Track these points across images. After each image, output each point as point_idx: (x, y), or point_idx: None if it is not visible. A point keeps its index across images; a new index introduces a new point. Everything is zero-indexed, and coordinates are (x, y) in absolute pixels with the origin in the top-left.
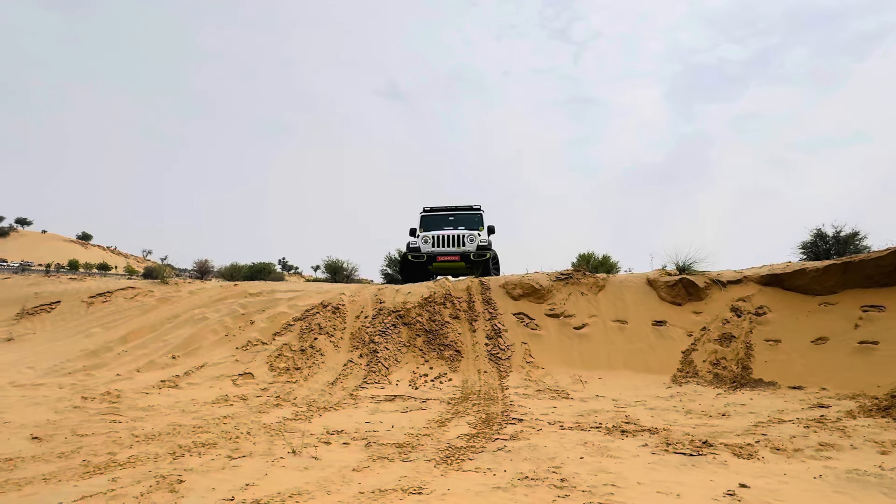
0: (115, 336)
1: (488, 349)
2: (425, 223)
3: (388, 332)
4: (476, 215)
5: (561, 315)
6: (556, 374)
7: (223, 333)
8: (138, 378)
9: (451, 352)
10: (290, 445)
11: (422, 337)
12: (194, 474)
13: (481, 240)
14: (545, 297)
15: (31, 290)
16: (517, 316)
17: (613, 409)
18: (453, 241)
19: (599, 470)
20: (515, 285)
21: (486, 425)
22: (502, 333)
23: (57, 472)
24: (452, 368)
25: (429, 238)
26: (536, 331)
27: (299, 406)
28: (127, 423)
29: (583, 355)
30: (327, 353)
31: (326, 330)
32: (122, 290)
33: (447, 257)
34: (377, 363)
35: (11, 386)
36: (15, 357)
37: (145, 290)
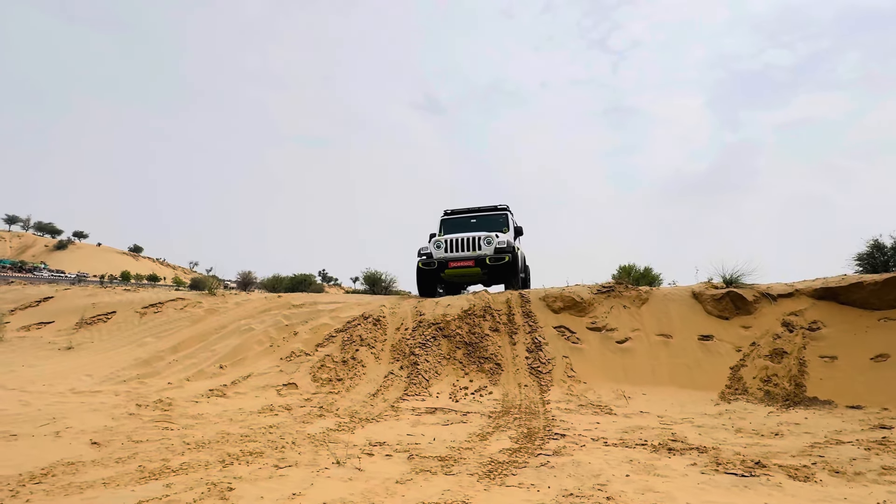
0: (166, 346)
1: (529, 362)
2: (446, 227)
3: (428, 345)
4: (501, 216)
5: (603, 328)
6: (599, 389)
7: (268, 344)
8: (188, 387)
9: (491, 365)
10: (335, 456)
11: (461, 349)
12: (243, 482)
13: (500, 242)
14: (586, 311)
15: (89, 301)
16: (558, 329)
17: (659, 426)
18: (468, 245)
19: (646, 489)
20: (556, 298)
21: (529, 440)
22: (543, 347)
23: (115, 476)
24: (493, 381)
25: (442, 242)
26: (578, 344)
27: (342, 417)
28: (178, 431)
29: (626, 370)
30: (368, 364)
31: (367, 342)
32: (173, 301)
33: (460, 263)
34: (417, 375)
35: (72, 392)
36: (74, 365)
37: (194, 302)
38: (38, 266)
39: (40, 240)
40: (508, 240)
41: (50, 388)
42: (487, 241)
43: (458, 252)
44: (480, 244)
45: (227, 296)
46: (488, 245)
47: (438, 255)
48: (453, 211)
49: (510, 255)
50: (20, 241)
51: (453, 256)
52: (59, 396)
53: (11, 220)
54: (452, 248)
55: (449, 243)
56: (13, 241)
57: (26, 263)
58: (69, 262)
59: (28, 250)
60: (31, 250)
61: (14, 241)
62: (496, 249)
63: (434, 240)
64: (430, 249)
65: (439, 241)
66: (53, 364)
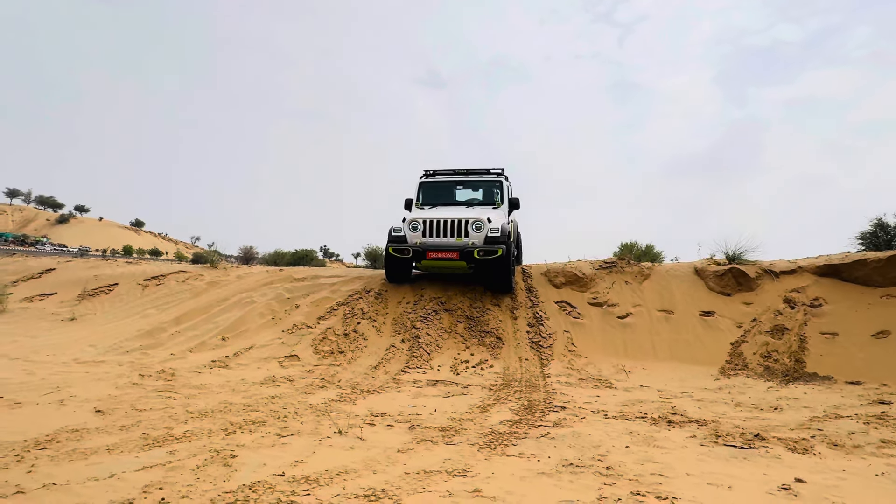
0: (168, 317)
1: (529, 337)
2: (425, 194)
3: (429, 318)
4: (495, 184)
5: (604, 304)
6: (599, 364)
7: (269, 317)
8: (191, 358)
9: (492, 339)
10: (336, 426)
11: (463, 323)
12: (246, 450)
13: (493, 227)
14: (588, 286)
15: (91, 273)
16: (559, 304)
17: (659, 400)
18: (451, 229)
19: (646, 459)
20: (557, 273)
21: (529, 412)
22: (544, 321)
23: (119, 443)
24: (493, 355)
25: (418, 223)
26: (579, 319)
27: (343, 388)
28: (181, 400)
29: (627, 345)
30: (370, 337)
31: (369, 315)
32: (175, 274)
33: (441, 254)
34: (419, 348)
35: (76, 363)
36: (78, 336)
37: (196, 274)
38: (40, 240)
39: (42, 213)
40: (503, 224)
41: (54, 358)
42: (477, 225)
43: (439, 238)
44: (468, 229)
45: (228, 269)
46: (477, 231)
47: (414, 238)
48: (435, 172)
49: (504, 248)
50: (22, 214)
51: (432, 244)
52: (63, 366)
53: (13, 194)
54: (431, 231)
55: (427, 226)
56: (15, 214)
57: (28, 237)
58: (71, 236)
59: (30, 224)
60: (32, 224)
61: (16, 214)
62: (487, 239)
63: (409, 219)
64: (403, 231)
65: (415, 222)
66: (57, 335)
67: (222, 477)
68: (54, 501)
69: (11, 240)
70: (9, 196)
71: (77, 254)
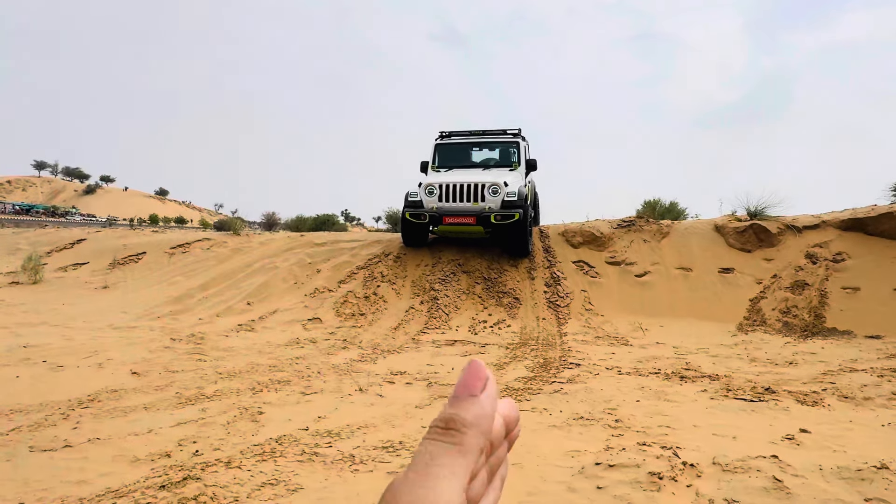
0: (195, 284)
1: (547, 296)
2: (441, 156)
3: (447, 280)
4: (511, 145)
5: (622, 263)
6: (616, 322)
7: (292, 281)
8: (218, 322)
9: (509, 299)
10: (357, 384)
11: (481, 285)
12: (272, 407)
13: (509, 192)
14: (606, 245)
15: (120, 243)
16: (577, 264)
17: (674, 356)
18: (468, 193)
19: (655, 412)
20: (575, 233)
21: (544, 369)
22: (561, 281)
23: (155, 402)
24: (511, 315)
25: (434, 188)
26: (596, 279)
27: (364, 349)
28: (211, 362)
29: (644, 303)
30: (390, 299)
31: (388, 278)
32: (199, 242)
33: (458, 219)
34: (438, 310)
35: (110, 328)
36: (111, 303)
37: (220, 241)
38: (69, 210)
39: (69, 185)
40: (520, 187)
41: (90, 325)
42: (493, 189)
43: (456, 202)
44: (484, 194)
45: (251, 236)
46: (494, 195)
47: (430, 203)
48: (451, 133)
49: (521, 212)
50: (50, 186)
51: (449, 209)
52: (99, 332)
53: (40, 166)
54: (448, 195)
55: (444, 190)
56: (44, 186)
57: (59, 208)
58: (98, 206)
59: (58, 195)
60: (61, 195)
61: (45, 186)
62: (504, 203)
63: (425, 183)
64: (419, 196)
65: (431, 186)
66: (91, 302)
67: (251, 431)
68: (99, 453)
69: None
70: (37, 168)
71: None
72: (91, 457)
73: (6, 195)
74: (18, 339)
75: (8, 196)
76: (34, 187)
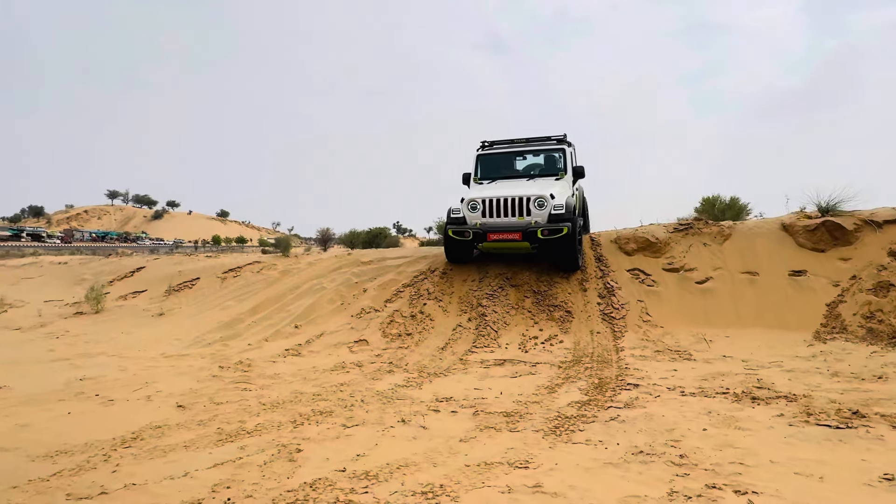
0: (245, 308)
1: (601, 308)
2: (483, 167)
3: (495, 295)
4: (556, 153)
5: (681, 269)
6: (677, 333)
7: (339, 302)
8: (266, 347)
9: (561, 312)
10: (401, 414)
11: (530, 298)
12: (311, 443)
13: (556, 204)
14: (662, 251)
15: (176, 269)
16: (631, 272)
17: (743, 372)
18: (513, 208)
19: (725, 444)
20: (628, 239)
21: (599, 391)
22: (615, 291)
23: (196, 439)
24: (563, 330)
25: (478, 203)
26: (653, 287)
27: (411, 372)
28: (256, 392)
29: (707, 312)
30: (436, 318)
31: (435, 295)
32: (250, 265)
33: (502, 235)
34: (486, 326)
35: (162, 357)
36: (165, 330)
37: (269, 264)
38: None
39: (139, 211)
40: (567, 199)
41: (144, 354)
42: (539, 202)
43: (500, 217)
44: (530, 207)
45: (300, 257)
46: (540, 209)
47: (474, 219)
48: (493, 143)
49: (569, 226)
50: (122, 213)
51: (493, 224)
52: (152, 361)
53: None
54: (491, 210)
55: (487, 205)
56: (117, 214)
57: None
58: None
59: (130, 222)
60: (132, 221)
61: (118, 214)
62: (551, 217)
63: (467, 199)
64: (461, 213)
65: (474, 202)
66: (147, 330)
67: (286, 473)
68: (133, 502)
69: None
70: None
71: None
72: None
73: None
74: (77, 371)
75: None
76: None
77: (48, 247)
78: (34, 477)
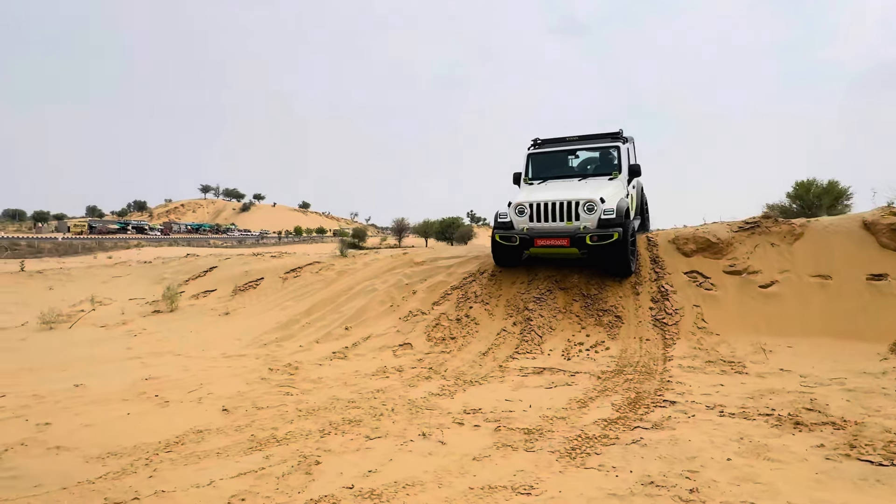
0: (302, 308)
1: (653, 314)
2: (534, 166)
3: (543, 298)
4: (611, 151)
5: (743, 272)
6: (734, 342)
7: (388, 304)
8: (316, 349)
9: (610, 317)
10: (424, 427)
11: (579, 302)
12: (332, 456)
13: (607, 208)
14: (724, 252)
15: (243, 269)
16: (689, 275)
17: (797, 389)
18: (561, 213)
19: (746, 479)
20: (687, 240)
21: (632, 408)
22: (670, 295)
23: (230, 446)
24: (611, 336)
25: (525, 207)
26: (711, 291)
27: (447, 379)
28: (296, 396)
29: (769, 319)
30: (482, 321)
31: (482, 298)
32: (310, 265)
33: (550, 241)
34: (530, 331)
35: (222, 357)
36: (228, 329)
37: (328, 265)
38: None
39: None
40: (619, 202)
41: (206, 353)
42: (589, 207)
43: (547, 222)
44: (578, 212)
45: (356, 257)
46: (590, 213)
47: (521, 224)
48: (544, 141)
49: (620, 231)
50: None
51: (540, 230)
52: (212, 361)
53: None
54: (539, 215)
55: (534, 209)
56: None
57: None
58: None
59: (221, 214)
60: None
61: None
62: (601, 222)
63: (515, 203)
64: (508, 217)
65: (522, 206)
66: (213, 329)
67: (299, 488)
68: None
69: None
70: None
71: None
72: None
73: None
74: (146, 370)
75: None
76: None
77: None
78: (83, 479)
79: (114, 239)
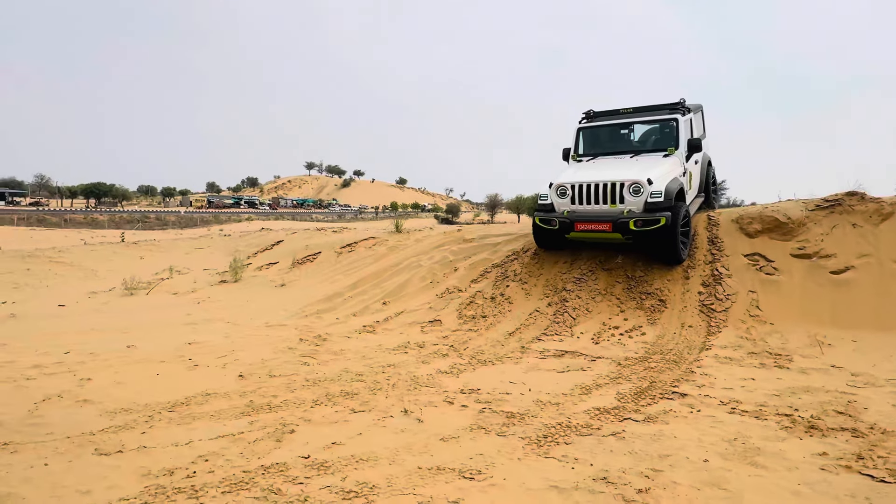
0: (348, 283)
1: (701, 299)
2: (585, 142)
3: (583, 280)
4: (667, 125)
5: (814, 255)
6: (788, 333)
7: (429, 280)
8: (351, 322)
9: (653, 301)
10: (412, 403)
11: (622, 284)
12: (309, 426)
13: (654, 191)
14: (794, 233)
15: (304, 244)
16: (749, 258)
17: (839, 390)
18: (605, 195)
19: (712, 483)
20: (753, 219)
21: (636, 398)
22: (723, 280)
23: (226, 410)
24: (651, 321)
25: (567, 188)
26: (773, 276)
27: (463, 357)
28: (311, 367)
29: (836, 309)
30: (516, 301)
31: (521, 277)
32: (364, 241)
33: (591, 225)
34: (564, 313)
35: (266, 326)
36: (279, 300)
37: (382, 240)
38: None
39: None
40: (669, 184)
41: (252, 322)
42: (634, 188)
43: (590, 205)
44: (623, 194)
45: (410, 233)
46: (635, 196)
47: (562, 206)
48: (595, 114)
49: (668, 216)
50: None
51: (582, 213)
52: (255, 329)
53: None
54: (581, 198)
55: (576, 191)
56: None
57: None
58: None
59: (323, 190)
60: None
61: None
62: (647, 205)
63: (556, 184)
64: (549, 199)
65: (563, 187)
66: (266, 300)
67: (260, 454)
68: (130, 463)
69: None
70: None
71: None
72: (123, 466)
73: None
74: (193, 335)
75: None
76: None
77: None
78: (87, 430)
79: (228, 213)
